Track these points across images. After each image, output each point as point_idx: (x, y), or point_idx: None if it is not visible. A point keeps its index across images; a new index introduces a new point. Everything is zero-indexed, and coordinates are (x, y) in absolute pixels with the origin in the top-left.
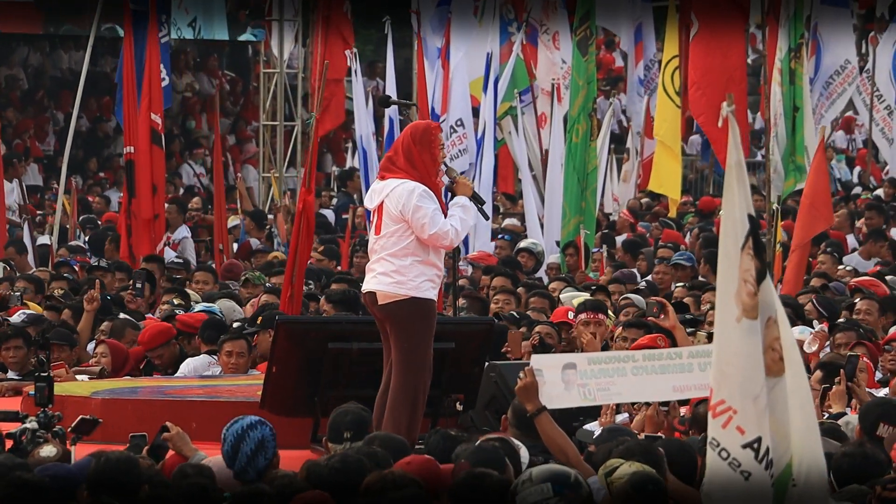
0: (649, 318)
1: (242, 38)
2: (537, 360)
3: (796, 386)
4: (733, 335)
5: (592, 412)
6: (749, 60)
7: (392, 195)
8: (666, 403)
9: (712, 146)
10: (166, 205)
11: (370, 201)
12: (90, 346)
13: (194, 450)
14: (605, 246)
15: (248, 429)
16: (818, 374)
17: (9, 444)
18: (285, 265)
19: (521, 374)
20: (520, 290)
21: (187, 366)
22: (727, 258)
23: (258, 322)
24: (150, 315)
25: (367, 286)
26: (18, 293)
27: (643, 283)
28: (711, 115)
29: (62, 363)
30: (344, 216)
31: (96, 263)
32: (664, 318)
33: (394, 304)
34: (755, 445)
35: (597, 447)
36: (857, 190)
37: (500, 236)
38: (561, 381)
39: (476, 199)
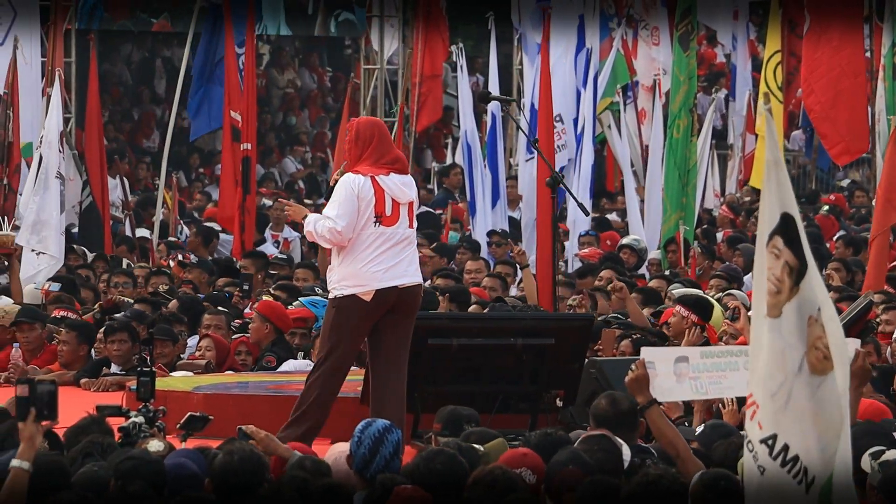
0: (724, 321)
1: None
2: (648, 353)
3: (842, 388)
4: (761, 331)
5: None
6: None
7: (414, 189)
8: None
9: (822, 141)
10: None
11: (403, 194)
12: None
13: (288, 449)
14: (695, 242)
15: (385, 432)
16: None
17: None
18: None
19: (633, 367)
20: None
21: (290, 363)
22: (761, 256)
23: None
24: (247, 311)
25: (414, 279)
26: (133, 301)
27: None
28: (821, 110)
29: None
30: (439, 212)
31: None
32: (735, 322)
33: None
34: (770, 442)
35: (702, 444)
36: None
37: (582, 232)
38: (673, 373)
39: None
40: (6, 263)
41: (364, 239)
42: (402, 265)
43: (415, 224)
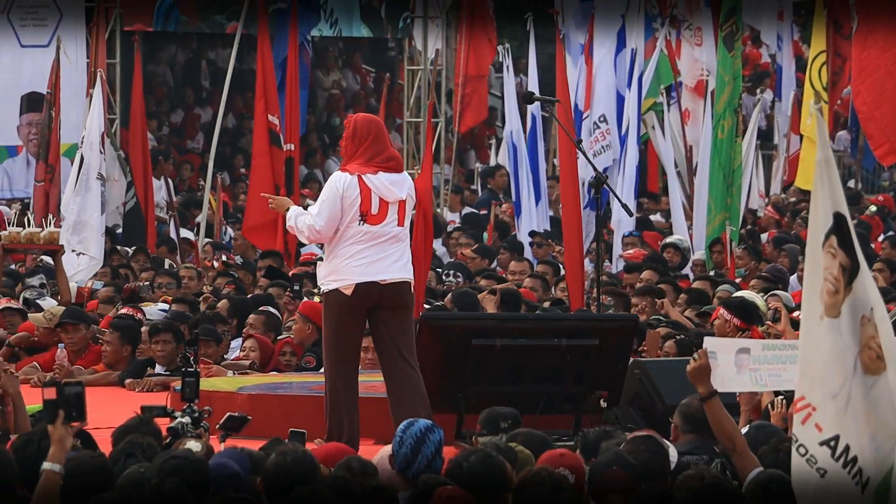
0: (766, 322)
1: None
2: (711, 343)
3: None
4: (816, 333)
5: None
6: None
7: (411, 188)
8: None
9: (868, 141)
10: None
11: (391, 193)
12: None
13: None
14: (734, 242)
15: (427, 431)
16: None
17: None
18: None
19: (695, 356)
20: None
21: None
22: (813, 256)
23: None
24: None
25: (399, 275)
26: (148, 283)
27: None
28: (867, 110)
29: (208, 361)
30: (483, 212)
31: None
32: (777, 323)
33: (412, 289)
34: (832, 444)
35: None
36: None
37: (626, 233)
38: (734, 364)
39: None
40: (42, 259)
41: (348, 236)
42: (385, 261)
43: (406, 222)
